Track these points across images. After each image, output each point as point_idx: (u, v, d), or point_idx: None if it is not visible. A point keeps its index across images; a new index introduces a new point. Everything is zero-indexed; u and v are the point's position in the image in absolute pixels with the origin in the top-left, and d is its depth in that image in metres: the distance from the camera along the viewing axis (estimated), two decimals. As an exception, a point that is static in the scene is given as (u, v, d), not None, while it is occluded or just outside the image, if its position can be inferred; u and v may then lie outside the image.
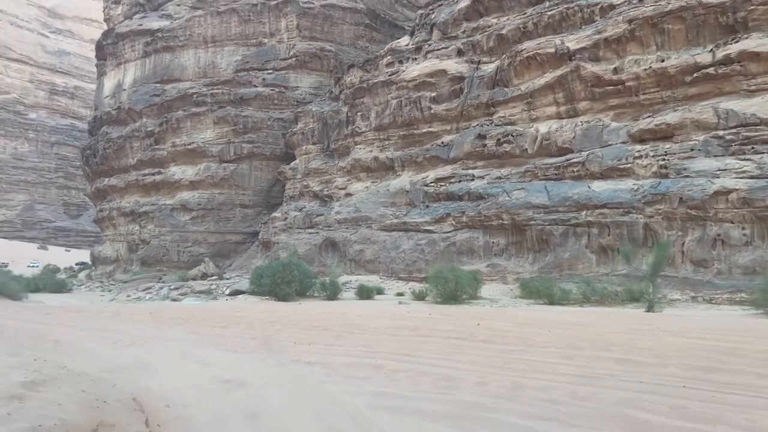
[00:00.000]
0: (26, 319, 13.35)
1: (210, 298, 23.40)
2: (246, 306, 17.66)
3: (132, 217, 41.17)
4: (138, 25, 42.95)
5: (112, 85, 44.95)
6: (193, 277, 30.75)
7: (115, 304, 22.38)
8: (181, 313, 14.69)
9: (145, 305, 19.71)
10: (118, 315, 14.16)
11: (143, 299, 24.09)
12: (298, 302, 19.85)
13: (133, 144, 41.55)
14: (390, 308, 16.41)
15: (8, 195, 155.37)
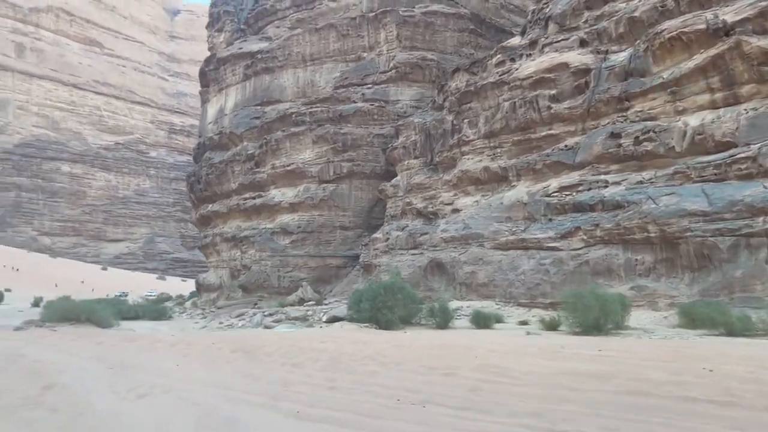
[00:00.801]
0: (63, 350, 11.29)
1: (305, 325, 20.98)
2: (338, 334, 14.84)
3: (234, 243, 40.32)
4: (238, 48, 42.81)
5: (215, 111, 45.02)
6: (291, 303, 28.72)
7: (203, 331, 20.53)
8: (248, 343, 12.09)
9: (227, 333, 17.54)
10: (173, 346, 11.85)
11: (235, 326, 22.16)
12: (402, 330, 16.80)
13: (235, 168, 40.95)
14: (527, 341, 12.87)
15: (132, 229, 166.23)
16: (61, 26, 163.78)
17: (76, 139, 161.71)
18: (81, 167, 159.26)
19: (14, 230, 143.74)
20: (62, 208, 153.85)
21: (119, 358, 10.23)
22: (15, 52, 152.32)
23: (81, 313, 19.76)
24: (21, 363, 9.24)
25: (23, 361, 9.53)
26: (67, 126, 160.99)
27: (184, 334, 15.27)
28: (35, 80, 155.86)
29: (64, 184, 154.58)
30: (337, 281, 36.46)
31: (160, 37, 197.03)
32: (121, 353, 10.77)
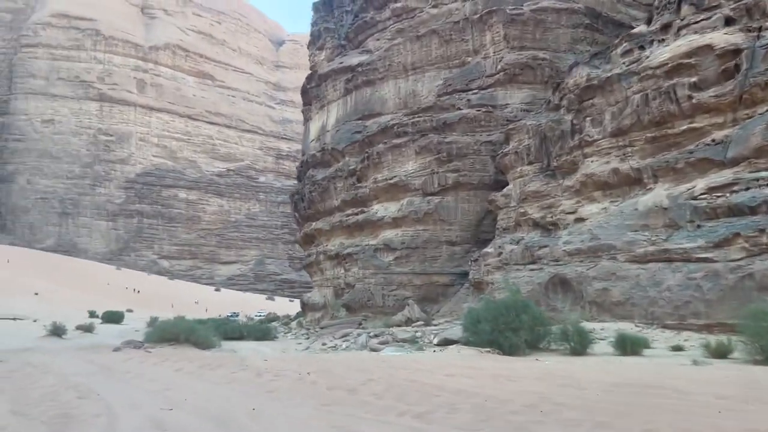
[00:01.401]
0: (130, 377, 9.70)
1: (414, 348, 18.77)
2: (461, 363, 12.39)
3: (337, 261, 39.12)
4: (339, 63, 42.10)
5: (317, 128, 44.52)
6: (397, 323, 26.66)
7: (304, 354, 18.89)
8: (350, 376, 9.79)
9: (329, 357, 15.65)
10: (259, 376, 9.95)
11: (338, 348, 20.41)
12: (534, 357, 14.13)
13: (337, 184, 39.93)
14: (727, 376, 9.76)
15: (243, 251, 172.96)
16: (177, 62, 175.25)
17: (191, 167, 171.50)
18: (196, 193, 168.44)
19: (137, 254, 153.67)
20: (179, 233, 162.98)
21: (182, 395, 8.45)
22: (137, 88, 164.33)
23: (181, 333, 18.85)
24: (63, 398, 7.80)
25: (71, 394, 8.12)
26: (183, 155, 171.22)
27: (278, 359, 13.53)
28: (154, 113, 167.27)
29: (181, 210, 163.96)
30: (445, 300, 34.05)
31: (267, 67, 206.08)
32: (192, 386, 9.09)
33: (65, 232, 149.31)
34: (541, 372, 9.99)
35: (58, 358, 13.47)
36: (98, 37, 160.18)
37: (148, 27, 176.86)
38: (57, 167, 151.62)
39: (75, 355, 15.30)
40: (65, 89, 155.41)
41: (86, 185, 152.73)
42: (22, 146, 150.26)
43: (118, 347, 18.42)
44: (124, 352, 15.94)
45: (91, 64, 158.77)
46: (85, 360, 12.90)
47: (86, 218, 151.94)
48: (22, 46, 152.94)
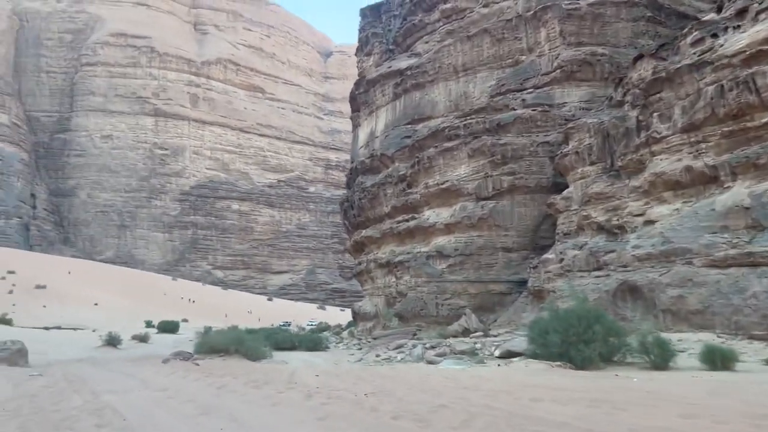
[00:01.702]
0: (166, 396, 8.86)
1: (474, 361, 17.52)
2: (538, 381, 11.01)
3: (388, 269, 38.17)
4: (387, 68, 41.34)
5: (365, 135, 43.84)
6: (453, 333, 25.41)
7: (358, 366, 17.93)
8: (416, 398, 8.55)
9: (385, 372, 14.57)
10: (309, 398, 8.85)
11: (393, 360, 19.34)
12: (612, 373, 12.71)
13: (387, 191, 39.05)
14: None
15: (294, 261, 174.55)
16: (228, 76, 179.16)
17: (243, 179, 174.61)
18: (248, 204, 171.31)
19: (192, 265, 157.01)
20: (233, 243, 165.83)
21: (219, 422, 7.47)
22: (190, 102, 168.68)
23: (230, 344, 18.21)
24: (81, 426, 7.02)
25: (92, 420, 7.34)
26: (235, 167, 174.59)
27: (331, 374, 12.57)
28: (207, 127, 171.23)
29: (234, 221, 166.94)
30: (501, 309, 32.56)
31: (315, 78, 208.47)
32: (232, 409, 8.15)
33: (124, 244, 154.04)
34: (642, 394, 8.53)
35: (100, 371, 13.00)
36: (153, 54, 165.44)
37: (201, 43, 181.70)
38: (115, 181, 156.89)
39: (120, 367, 14.89)
40: (122, 105, 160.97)
41: (143, 198, 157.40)
42: (83, 161, 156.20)
43: (167, 358, 17.96)
44: (170, 365, 15.38)
45: (146, 81, 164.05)
46: (126, 374, 12.35)
47: (143, 230, 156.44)
48: (82, 65, 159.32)
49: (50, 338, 39.91)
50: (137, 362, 17.99)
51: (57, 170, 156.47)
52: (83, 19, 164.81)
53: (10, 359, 16.88)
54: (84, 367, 14.61)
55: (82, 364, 17.20)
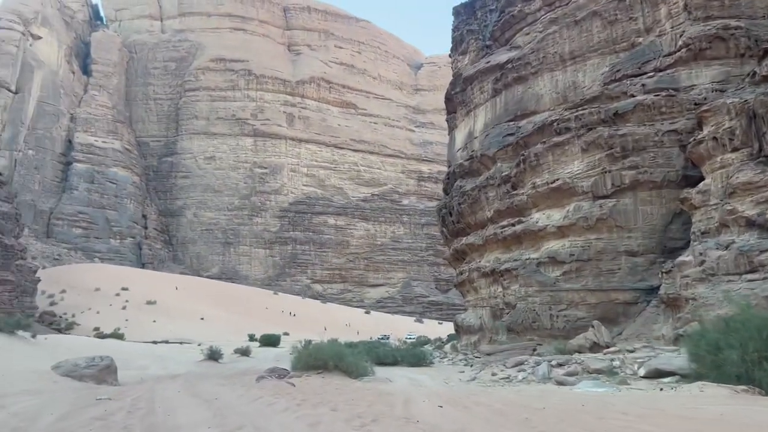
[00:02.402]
0: None
1: (615, 382, 14.56)
2: (741, 415, 8.02)
3: (493, 278, 35.33)
4: (486, 63, 38.80)
5: (463, 136, 41.40)
6: (576, 348, 22.26)
7: (474, 386, 15.48)
8: None
9: (515, 394, 12.02)
10: None
11: (513, 380, 16.69)
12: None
13: (489, 194, 36.34)
14: None
15: (390, 274, 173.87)
16: (322, 94, 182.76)
17: (338, 194, 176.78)
18: (344, 219, 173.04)
19: (292, 279, 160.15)
20: (330, 257, 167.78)
21: None
22: (286, 121, 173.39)
23: (329, 360, 16.36)
24: None
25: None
26: (330, 182, 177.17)
27: (456, 403, 10.22)
28: (303, 144, 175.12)
29: (330, 236, 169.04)
30: (626, 321, 28.80)
31: (406, 91, 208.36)
32: None
33: (228, 260, 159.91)
34: None
35: (181, 395, 11.59)
36: (250, 77, 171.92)
37: (295, 63, 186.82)
38: (219, 200, 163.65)
39: (208, 387, 13.51)
40: (223, 127, 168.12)
41: (245, 216, 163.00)
42: (189, 182, 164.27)
43: (261, 375, 16.44)
44: (262, 385, 13.70)
45: (245, 102, 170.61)
46: (206, 399, 10.77)
47: (246, 246, 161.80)
48: (185, 90, 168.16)
49: (156, 352, 40.33)
50: (230, 379, 16.65)
51: (165, 191, 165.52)
52: (185, 47, 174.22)
53: (97, 376, 16.08)
54: (169, 388, 13.35)
55: (172, 383, 16.06)
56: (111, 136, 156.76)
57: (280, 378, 15.64)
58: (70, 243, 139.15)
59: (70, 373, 16.17)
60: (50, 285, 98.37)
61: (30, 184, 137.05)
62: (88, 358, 17.91)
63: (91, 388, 13.79)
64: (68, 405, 9.94)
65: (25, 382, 13.72)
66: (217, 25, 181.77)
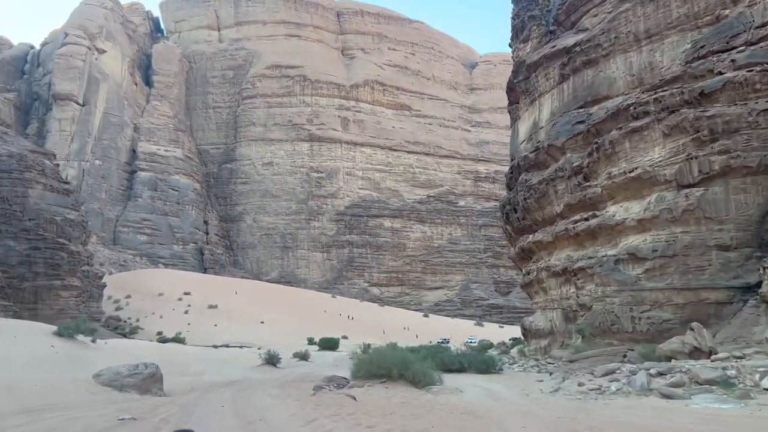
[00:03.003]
0: None
1: (734, 396, 12.23)
2: None
3: (565, 277, 32.85)
4: (551, 47, 36.35)
5: (527, 127, 39.02)
6: (670, 353, 19.68)
7: (562, 399, 13.44)
8: None
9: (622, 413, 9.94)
10: None
11: (606, 392, 14.47)
12: None
13: (558, 187, 33.87)
14: None
15: (448, 276, 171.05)
16: (376, 97, 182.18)
17: (394, 197, 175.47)
18: (400, 221, 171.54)
19: (349, 282, 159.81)
20: (387, 260, 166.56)
21: None
22: (341, 125, 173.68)
23: (393, 367, 14.66)
24: None
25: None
26: (386, 185, 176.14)
27: (559, 402, 8.36)
28: (358, 148, 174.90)
29: (387, 238, 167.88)
30: (720, 323, 25.85)
31: (461, 91, 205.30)
32: None
33: (287, 265, 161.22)
34: None
35: (223, 413, 10.21)
36: (305, 82, 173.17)
37: (348, 67, 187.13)
38: (277, 205, 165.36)
39: (260, 398, 12.15)
40: (280, 133, 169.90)
41: (302, 220, 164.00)
42: (248, 188, 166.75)
43: (319, 385, 14.87)
44: (319, 398, 12.09)
45: (300, 108, 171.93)
46: (253, 416, 9.30)
47: (304, 250, 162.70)
48: (243, 98, 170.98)
49: (215, 357, 39.72)
50: (285, 389, 15.23)
51: (225, 198, 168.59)
52: (242, 56, 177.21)
53: (141, 386, 14.91)
54: (213, 402, 12.04)
55: (220, 393, 14.78)
56: (173, 144, 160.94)
57: (339, 388, 14.05)
58: (136, 249, 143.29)
59: (111, 383, 15.08)
60: (116, 290, 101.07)
61: (97, 193, 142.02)
62: (131, 365, 16.93)
63: (129, 401, 12.61)
64: (79, 426, 8.67)
65: (57, 394, 12.71)
66: (273, 33, 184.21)
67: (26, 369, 16.10)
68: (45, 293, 65.80)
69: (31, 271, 66.17)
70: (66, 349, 25.69)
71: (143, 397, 13.92)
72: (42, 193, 76.83)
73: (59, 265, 68.63)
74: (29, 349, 22.07)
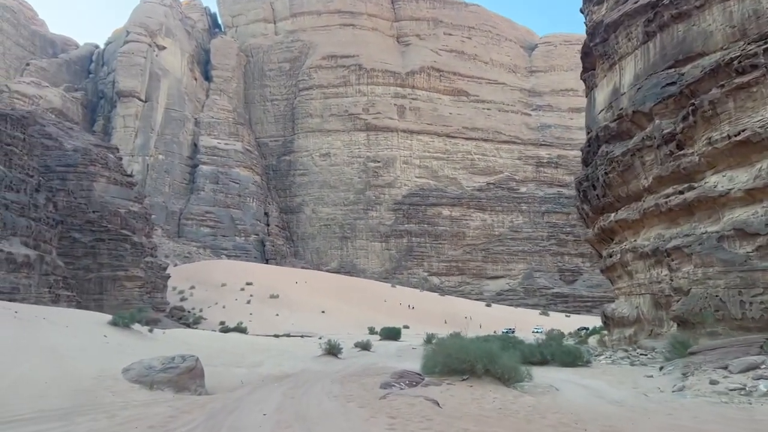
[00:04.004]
0: None
1: None
2: None
3: (655, 259, 29.27)
4: (633, 3, 32.56)
5: (606, 95, 35.36)
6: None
7: (695, 400, 10.59)
8: None
9: None
10: None
11: (754, 393, 11.46)
12: None
13: (645, 158, 30.24)
14: None
15: (510, 265, 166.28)
16: (432, 83, 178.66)
17: (452, 185, 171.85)
18: (459, 210, 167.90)
19: (409, 272, 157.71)
20: (446, 249, 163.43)
21: None
22: (397, 113, 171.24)
23: (477, 360, 12.10)
24: None
25: None
26: (443, 173, 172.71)
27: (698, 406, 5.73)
28: (415, 136, 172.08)
29: (445, 227, 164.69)
30: None
31: (520, 74, 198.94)
32: None
33: (346, 255, 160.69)
34: None
35: (266, 422, 8.06)
36: (361, 72, 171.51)
37: (404, 54, 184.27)
38: (335, 196, 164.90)
39: (317, 396, 10.01)
40: (336, 124, 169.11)
41: (360, 210, 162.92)
42: (306, 180, 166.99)
43: (387, 383, 12.42)
44: (389, 403, 9.55)
45: (356, 98, 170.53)
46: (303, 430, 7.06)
47: (362, 240, 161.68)
48: (299, 90, 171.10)
49: (275, 347, 38.21)
50: (346, 385, 12.96)
51: (285, 189, 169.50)
52: (298, 47, 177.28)
53: (176, 382, 12.81)
54: (259, 404, 9.90)
55: (271, 391, 12.64)
56: (232, 138, 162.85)
57: (412, 386, 11.58)
58: (199, 241, 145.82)
59: (140, 379, 13.12)
60: (181, 281, 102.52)
61: (161, 187, 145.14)
62: (166, 358, 14.78)
63: (154, 403, 10.57)
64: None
65: (65, 394, 10.78)
66: (327, 23, 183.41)
67: (60, 360, 14.54)
68: (109, 284, 66.60)
69: (96, 263, 67.10)
70: (119, 339, 24.42)
71: (177, 397, 11.90)
72: (106, 186, 78.04)
73: (123, 256, 69.38)
74: (78, 339, 20.75)
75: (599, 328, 55.67)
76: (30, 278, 45.25)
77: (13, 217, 45.67)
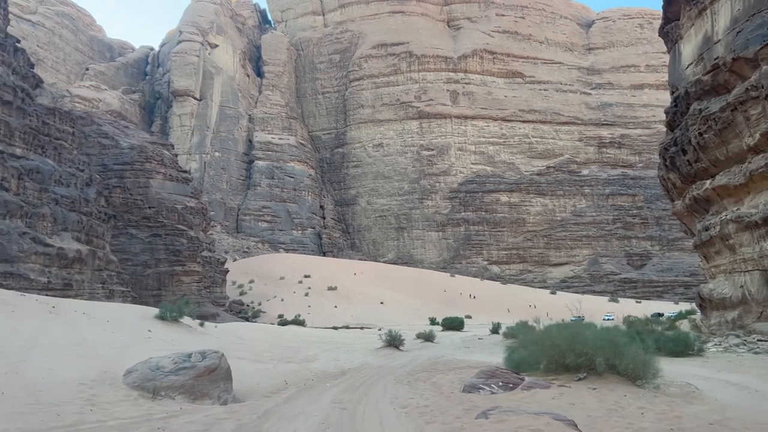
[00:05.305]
0: None
1: None
2: None
3: (766, 229, 25.04)
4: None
5: (695, 46, 30.99)
6: None
7: None
8: None
9: None
10: None
11: None
12: None
13: (750, 112, 25.92)
14: None
15: (574, 251, 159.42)
16: (485, 66, 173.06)
17: (510, 170, 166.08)
18: (517, 195, 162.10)
19: (467, 261, 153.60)
20: (505, 237, 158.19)
21: None
22: (450, 99, 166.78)
23: (598, 353, 8.94)
24: None
25: None
26: (500, 158, 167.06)
27: None
28: (469, 121, 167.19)
29: (504, 214, 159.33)
30: None
31: (578, 52, 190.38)
32: None
33: (402, 245, 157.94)
34: None
35: None
36: (411, 59, 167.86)
37: (455, 38, 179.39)
38: (389, 186, 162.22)
39: (375, 412, 7.42)
40: (388, 113, 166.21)
41: (415, 200, 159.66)
42: (360, 171, 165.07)
43: (474, 384, 9.41)
44: (495, 422, 6.56)
45: (407, 85, 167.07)
46: None
47: (419, 230, 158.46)
48: (350, 81, 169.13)
49: (332, 339, 35.83)
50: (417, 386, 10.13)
51: (339, 182, 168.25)
52: (347, 38, 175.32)
53: (191, 387, 9.77)
54: (299, 417, 7.31)
55: (318, 396, 9.98)
56: (286, 132, 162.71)
57: (508, 389, 8.52)
58: (257, 236, 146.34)
59: (142, 383, 10.47)
60: (240, 276, 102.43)
61: (219, 184, 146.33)
62: (181, 355, 11.66)
63: (148, 420, 7.88)
64: None
65: (12, 414, 8.23)
66: (376, 11, 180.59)
67: (60, 360, 12.27)
68: (167, 279, 66.19)
69: (153, 258, 66.82)
70: (164, 334, 22.39)
71: (187, 408, 9.05)
72: (162, 182, 77.96)
73: (179, 251, 68.91)
74: (114, 335, 18.74)
75: (686, 312, 50.84)
76: (83, 274, 44.58)
77: (64, 212, 45.09)
